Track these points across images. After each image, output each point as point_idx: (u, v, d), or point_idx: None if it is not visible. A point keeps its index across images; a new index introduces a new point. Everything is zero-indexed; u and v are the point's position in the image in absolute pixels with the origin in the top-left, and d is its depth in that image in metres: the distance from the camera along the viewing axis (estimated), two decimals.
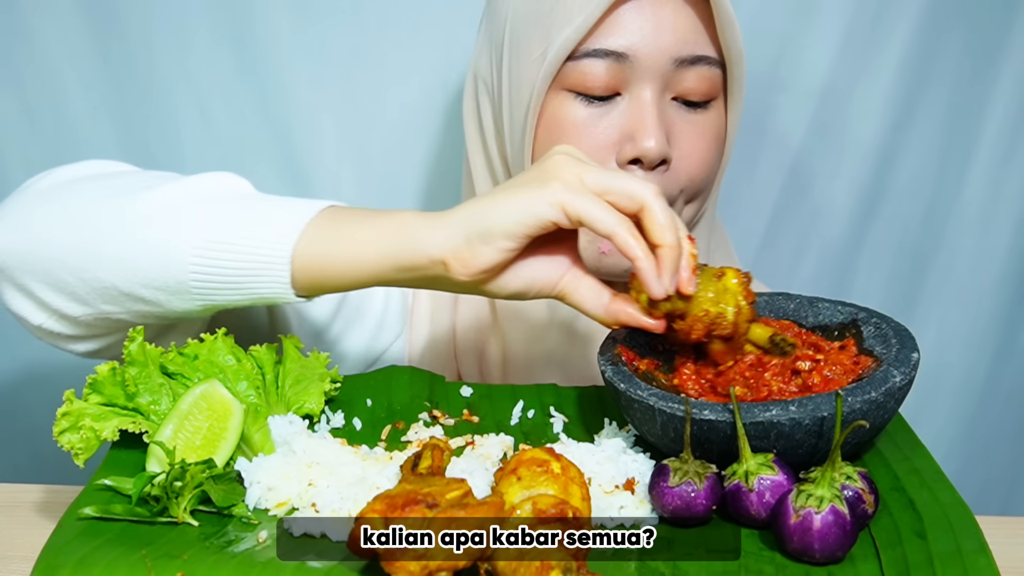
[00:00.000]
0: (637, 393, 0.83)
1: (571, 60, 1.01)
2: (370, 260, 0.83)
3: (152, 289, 0.85)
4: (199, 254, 0.83)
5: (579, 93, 1.03)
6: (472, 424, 0.96)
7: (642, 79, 1.01)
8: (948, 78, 1.45)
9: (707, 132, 1.06)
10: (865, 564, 0.73)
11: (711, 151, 1.07)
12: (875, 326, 0.90)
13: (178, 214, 0.85)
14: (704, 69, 1.03)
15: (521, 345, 1.13)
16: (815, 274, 1.53)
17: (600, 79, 1.01)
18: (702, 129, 1.05)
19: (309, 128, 1.43)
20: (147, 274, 0.85)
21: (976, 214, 1.51)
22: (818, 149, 1.47)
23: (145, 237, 0.84)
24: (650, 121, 1.01)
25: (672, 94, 1.03)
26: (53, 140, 1.42)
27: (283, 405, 0.92)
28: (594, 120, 1.03)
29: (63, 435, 0.82)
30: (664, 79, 1.02)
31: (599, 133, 1.03)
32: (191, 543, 0.74)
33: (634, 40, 1.00)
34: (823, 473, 0.74)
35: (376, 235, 0.83)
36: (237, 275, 0.84)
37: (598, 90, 1.02)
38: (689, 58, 1.02)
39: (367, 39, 1.40)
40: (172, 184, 0.88)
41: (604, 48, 1.01)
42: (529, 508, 0.70)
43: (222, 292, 0.85)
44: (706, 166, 1.06)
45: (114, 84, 1.40)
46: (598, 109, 1.03)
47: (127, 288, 0.86)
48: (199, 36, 1.38)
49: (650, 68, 1.01)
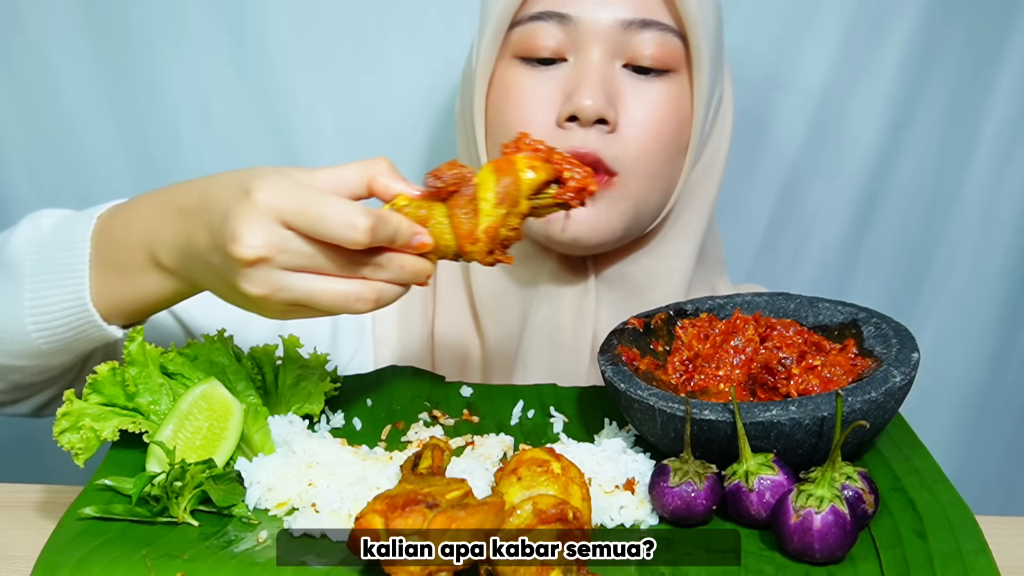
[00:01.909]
0: (637, 393, 0.83)
1: (518, 26, 1.02)
2: (154, 291, 0.85)
3: (24, 358, 0.92)
4: (34, 322, 0.89)
5: (525, 59, 1.02)
6: (472, 424, 0.96)
7: (588, 42, 1.00)
8: (948, 78, 1.44)
9: (661, 102, 1.02)
10: (865, 564, 0.73)
11: (666, 123, 1.02)
12: (875, 326, 0.90)
13: (1, 290, 0.90)
14: (657, 35, 1.00)
15: (499, 347, 1.12)
16: (815, 274, 1.53)
17: (544, 42, 1.01)
18: (656, 98, 1.02)
19: (309, 128, 1.42)
20: (11, 348, 0.91)
21: (976, 214, 1.51)
22: (818, 149, 1.47)
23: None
24: (590, 79, 0.99)
25: (623, 60, 1.01)
26: (53, 140, 1.42)
27: (283, 405, 0.92)
28: (538, 83, 1.02)
29: (63, 435, 0.82)
30: (612, 43, 1.00)
31: (541, 95, 1.02)
32: (191, 543, 0.74)
33: (575, 2, 0.99)
34: (823, 473, 0.74)
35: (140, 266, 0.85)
36: (72, 330, 0.88)
37: (543, 52, 1.01)
38: (637, 21, 1.00)
39: (367, 39, 1.40)
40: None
41: (547, 10, 1.00)
42: (529, 508, 0.70)
43: (76, 344, 0.89)
44: (659, 137, 1.02)
45: (114, 84, 1.40)
46: (543, 73, 1.02)
47: (6, 362, 0.92)
48: (199, 35, 1.38)
49: (595, 31, 0.99)
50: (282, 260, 0.74)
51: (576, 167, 0.82)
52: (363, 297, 0.76)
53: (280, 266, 0.74)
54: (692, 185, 1.11)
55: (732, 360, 0.91)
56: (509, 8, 1.02)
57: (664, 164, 1.04)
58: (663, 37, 1.00)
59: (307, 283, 0.75)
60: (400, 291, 0.80)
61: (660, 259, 1.11)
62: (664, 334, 0.95)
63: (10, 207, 1.44)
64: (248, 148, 1.43)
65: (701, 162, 1.11)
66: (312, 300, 0.76)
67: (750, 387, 0.90)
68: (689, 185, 1.10)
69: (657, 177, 1.04)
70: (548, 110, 1.01)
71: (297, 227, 0.74)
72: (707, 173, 1.12)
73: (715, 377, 0.91)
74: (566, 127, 1.01)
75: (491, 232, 0.80)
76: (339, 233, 0.73)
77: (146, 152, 1.43)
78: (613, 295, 1.11)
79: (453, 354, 1.14)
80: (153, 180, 1.44)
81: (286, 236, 0.74)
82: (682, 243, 1.12)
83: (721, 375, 0.91)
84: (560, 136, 1.00)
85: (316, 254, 0.75)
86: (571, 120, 1.00)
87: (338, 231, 0.73)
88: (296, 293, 0.75)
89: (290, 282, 0.75)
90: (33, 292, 0.88)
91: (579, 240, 1.03)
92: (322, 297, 0.75)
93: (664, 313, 0.96)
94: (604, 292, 1.11)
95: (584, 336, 1.09)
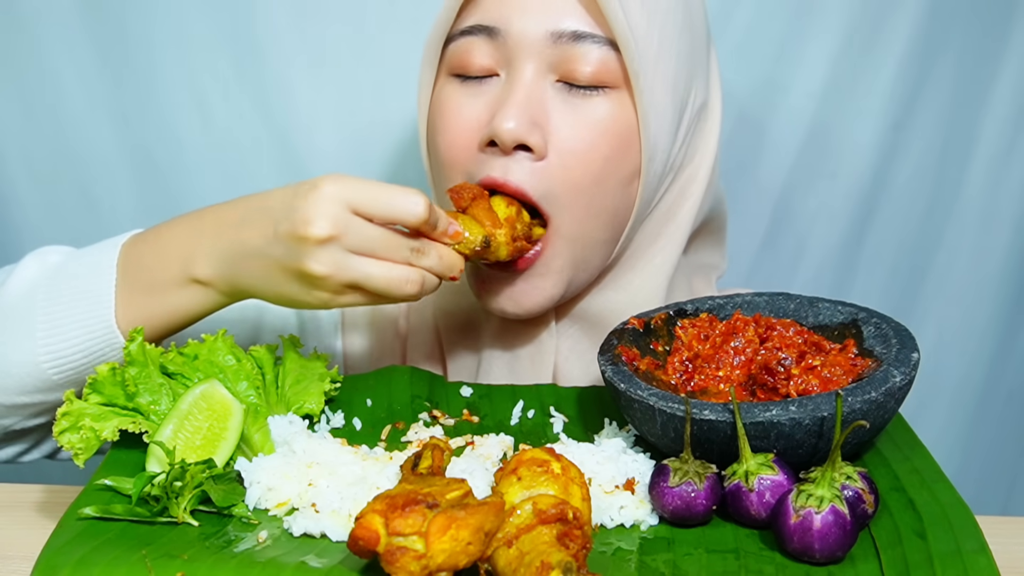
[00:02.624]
0: (637, 393, 0.83)
1: (451, 41, 0.98)
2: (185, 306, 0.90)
3: (29, 394, 0.92)
4: (48, 351, 0.90)
5: (458, 75, 0.98)
6: (472, 424, 0.96)
7: (518, 57, 0.94)
8: (948, 78, 1.44)
9: (596, 124, 0.94)
10: (865, 564, 0.73)
11: (601, 149, 0.94)
12: (875, 326, 0.90)
13: (10, 324, 0.91)
14: (590, 48, 0.93)
15: (459, 344, 1.11)
16: (815, 274, 1.53)
17: (475, 58, 0.96)
18: (588, 118, 0.94)
19: (309, 128, 1.42)
20: (18, 384, 0.92)
21: (976, 214, 1.51)
22: (818, 149, 1.47)
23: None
24: (513, 99, 0.93)
25: (557, 76, 0.95)
26: (53, 140, 1.42)
27: (283, 405, 0.92)
28: (467, 100, 0.97)
29: (63, 435, 0.82)
30: (544, 58, 0.94)
31: (468, 113, 0.97)
32: (191, 543, 0.74)
33: (503, 13, 0.94)
34: (823, 473, 0.74)
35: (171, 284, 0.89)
36: (88, 356, 0.90)
37: (473, 69, 0.96)
38: (567, 33, 0.93)
39: (367, 39, 1.40)
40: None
41: (477, 24, 0.96)
42: (529, 508, 0.70)
43: (87, 372, 0.91)
44: (591, 166, 0.94)
45: (114, 84, 1.40)
46: (473, 89, 0.97)
47: (8, 402, 0.93)
48: (199, 36, 1.38)
49: (524, 44, 0.93)
50: (347, 241, 0.82)
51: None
52: (411, 279, 0.85)
53: (345, 246, 0.83)
54: (662, 211, 1.04)
55: (732, 360, 0.91)
56: (443, 23, 0.98)
57: (604, 196, 0.96)
58: (599, 51, 0.93)
59: (366, 264, 0.84)
60: (437, 282, 0.89)
61: (625, 292, 1.05)
62: (664, 334, 0.95)
63: (10, 207, 1.44)
64: (248, 148, 1.43)
65: (676, 184, 1.04)
66: (368, 279, 0.84)
67: (750, 387, 0.90)
68: (659, 211, 1.03)
69: (596, 214, 0.96)
70: (473, 128, 0.96)
71: (363, 210, 0.83)
72: (683, 195, 1.04)
73: (715, 377, 0.91)
74: (487, 151, 0.95)
75: (511, 220, 0.93)
76: (404, 207, 0.84)
77: (146, 152, 1.43)
78: (576, 327, 1.06)
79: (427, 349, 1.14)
80: (153, 180, 1.44)
81: (352, 219, 0.83)
82: (650, 274, 1.05)
83: (721, 375, 0.91)
84: (480, 163, 0.95)
85: (376, 237, 0.84)
86: (492, 145, 0.94)
87: (402, 206, 0.84)
88: (356, 272, 0.83)
89: (352, 262, 0.83)
90: (48, 321, 0.90)
91: (506, 313, 1.00)
92: (378, 277, 0.84)
93: (664, 313, 0.96)
94: (566, 326, 1.06)
95: (544, 365, 1.05)
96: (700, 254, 1.15)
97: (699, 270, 1.15)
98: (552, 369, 1.05)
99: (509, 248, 0.93)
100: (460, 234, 0.90)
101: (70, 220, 1.45)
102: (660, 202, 1.04)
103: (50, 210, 1.44)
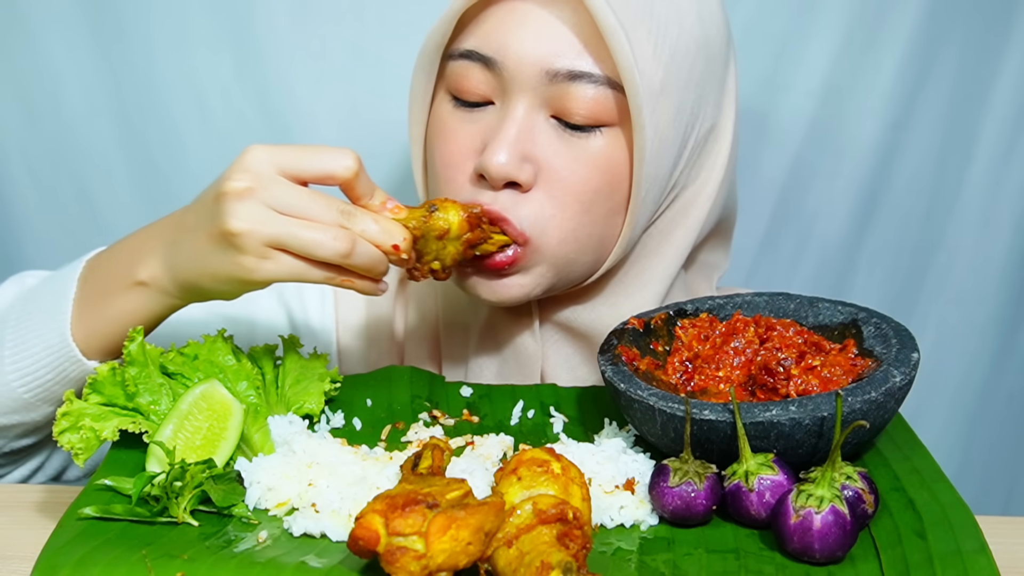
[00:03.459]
0: (637, 393, 0.83)
1: (451, 60, 0.97)
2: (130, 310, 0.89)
3: (5, 415, 0.93)
4: (15, 369, 0.91)
5: (455, 96, 0.98)
6: (472, 424, 0.96)
7: (514, 90, 0.93)
8: (948, 78, 1.44)
9: (587, 160, 0.93)
10: (865, 564, 0.73)
11: (590, 182, 0.93)
12: (875, 326, 0.90)
13: None
14: (587, 87, 0.91)
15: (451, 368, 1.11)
16: (815, 274, 1.53)
17: (471, 85, 0.95)
18: (581, 155, 0.93)
19: (309, 128, 1.42)
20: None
21: (976, 214, 1.51)
22: (818, 149, 1.47)
23: None
24: (504, 134, 0.92)
25: (551, 112, 0.93)
26: (53, 140, 1.42)
27: (283, 405, 0.92)
28: (461, 125, 0.96)
29: (63, 435, 0.82)
30: (539, 94, 0.92)
31: (462, 139, 0.96)
32: (191, 543, 0.74)
33: (500, 45, 0.93)
34: (823, 473, 0.74)
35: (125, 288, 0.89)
36: (52, 371, 0.91)
37: (469, 95, 0.95)
38: (564, 72, 0.91)
39: (367, 39, 1.40)
40: None
41: (471, 50, 0.95)
42: (529, 508, 0.70)
43: (55, 389, 0.92)
44: (580, 196, 0.94)
45: (114, 84, 1.40)
46: (468, 114, 0.96)
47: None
48: (199, 36, 1.38)
49: (519, 79, 0.92)
50: (267, 195, 0.81)
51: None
52: (339, 237, 0.81)
53: (265, 201, 0.81)
54: (659, 229, 1.03)
55: (732, 361, 0.91)
56: (438, 37, 0.97)
57: (589, 226, 0.95)
58: (595, 90, 0.91)
59: (288, 221, 0.81)
60: (374, 250, 0.84)
61: (615, 308, 1.04)
62: (664, 334, 0.95)
63: (10, 207, 1.44)
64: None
65: (677, 203, 1.02)
66: (291, 237, 0.81)
67: (750, 388, 0.90)
68: (656, 229, 1.03)
69: (581, 240, 0.96)
70: (466, 155, 0.96)
71: (289, 168, 0.82)
72: (683, 214, 1.03)
73: (715, 378, 0.91)
74: (479, 183, 0.95)
75: (471, 219, 0.91)
76: (331, 161, 0.83)
77: (146, 152, 1.43)
78: (560, 335, 1.06)
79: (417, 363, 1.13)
80: (153, 180, 1.44)
81: (275, 177, 0.82)
82: (641, 289, 1.04)
83: (721, 376, 0.91)
84: (472, 193, 0.95)
85: (299, 195, 0.82)
86: (483, 178, 0.94)
87: (330, 160, 0.83)
88: (277, 228, 0.80)
89: (272, 217, 0.81)
90: (15, 339, 0.92)
91: (485, 300, 0.98)
92: (302, 234, 0.81)
93: (664, 313, 0.96)
94: (551, 333, 1.05)
95: (531, 370, 1.05)
96: (704, 254, 1.15)
97: (701, 269, 1.15)
98: (539, 376, 1.05)
99: (463, 237, 0.91)
100: (400, 208, 0.87)
101: (70, 220, 1.45)
102: (658, 220, 1.03)
103: (50, 210, 1.44)
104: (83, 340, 0.90)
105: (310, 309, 1.15)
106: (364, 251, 0.83)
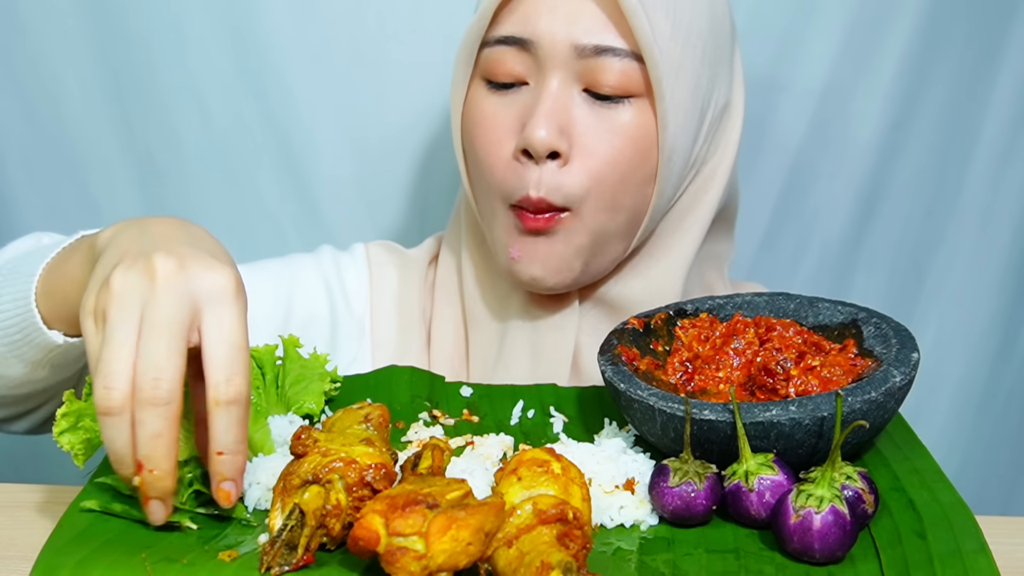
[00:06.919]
0: (637, 393, 0.83)
1: (486, 47, 1.03)
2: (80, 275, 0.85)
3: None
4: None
5: (490, 82, 1.03)
6: (472, 424, 0.96)
7: (547, 68, 0.99)
8: (948, 78, 1.45)
9: (619, 129, 0.99)
10: (865, 564, 0.73)
11: (624, 152, 1.00)
12: (875, 326, 0.90)
13: None
14: (612, 61, 0.98)
15: (483, 356, 1.12)
16: (815, 274, 1.53)
17: (506, 68, 1.01)
18: (612, 125, 0.99)
19: (309, 128, 1.43)
20: None
21: (976, 214, 1.51)
22: (818, 149, 1.47)
23: None
24: (541, 109, 0.98)
25: (583, 86, 1.00)
26: (53, 140, 1.42)
27: (283, 405, 0.92)
28: (498, 108, 1.02)
29: (63, 435, 0.82)
30: (571, 69, 0.99)
31: (501, 121, 1.02)
32: (191, 547, 0.74)
33: (532, 26, 0.99)
34: (823, 473, 0.74)
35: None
36: (20, 332, 0.90)
37: (503, 77, 1.01)
38: (590, 47, 0.98)
39: (367, 39, 1.40)
40: None
41: (506, 35, 1.01)
42: (529, 508, 0.70)
43: (25, 350, 0.91)
44: (615, 166, 0.99)
45: (114, 84, 1.40)
46: (504, 97, 1.02)
47: None
48: (199, 36, 1.38)
49: (552, 56, 0.98)
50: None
51: None
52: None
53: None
54: (683, 204, 1.08)
55: (732, 362, 0.91)
56: (477, 29, 1.02)
57: (623, 195, 1.01)
58: (621, 63, 0.98)
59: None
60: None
61: (644, 279, 1.09)
62: (664, 334, 0.95)
63: (10, 207, 1.44)
64: (248, 148, 1.43)
65: (698, 179, 1.08)
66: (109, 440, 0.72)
67: (750, 388, 0.90)
68: (680, 204, 1.08)
69: (617, 208, 1.02)
70: (505, 136, 1.01)
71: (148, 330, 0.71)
72: (704, 189, 1.09)
73: (715, 378, 0.91)
74: (522, 161, 1.00)
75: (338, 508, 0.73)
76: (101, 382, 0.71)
77: (146, 152, 1.43)
78: (597, 313, 1.10)
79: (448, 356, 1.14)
80: (153, 180, 1.44)
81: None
82: (669, 264, 1.09)
83: (721, 376, 0.91)
84: (516, 172, 1.00)
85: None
86: (525, 154, 0.99)
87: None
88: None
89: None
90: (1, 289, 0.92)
91: (535, 281, 1.03)
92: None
93: (664, 313, 0.96)
94: (587, 310, 1.09)
95: (564, 351, 1.08)
96: (712, 244, 1.16)
97: (711, 260, 1.17)
98: (573, 348, 1.08)
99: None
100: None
101: (70, 220, 1.44)
102: (682, 196, 1.08)
103: (50, 210, 1.44)
104: (46, 307, 0.89)
105: (347, 281, 1.18)
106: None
